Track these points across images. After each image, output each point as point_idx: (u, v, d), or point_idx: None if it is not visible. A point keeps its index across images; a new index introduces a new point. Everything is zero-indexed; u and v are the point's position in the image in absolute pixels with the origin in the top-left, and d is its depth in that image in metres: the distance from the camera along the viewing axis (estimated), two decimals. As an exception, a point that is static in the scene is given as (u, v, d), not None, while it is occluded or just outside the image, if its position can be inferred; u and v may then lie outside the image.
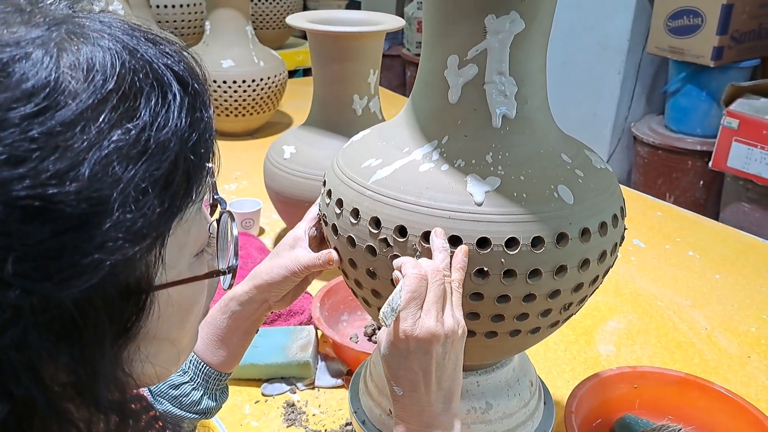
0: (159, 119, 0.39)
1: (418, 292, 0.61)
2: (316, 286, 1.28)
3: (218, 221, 0.50)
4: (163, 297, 0.43)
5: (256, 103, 2.15)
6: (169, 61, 0.41)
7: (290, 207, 1.38)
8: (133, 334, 0.41)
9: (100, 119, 0.36)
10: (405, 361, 0.62)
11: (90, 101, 0.36)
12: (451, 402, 0.65)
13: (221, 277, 0.50)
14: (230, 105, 2.12)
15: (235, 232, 0.50)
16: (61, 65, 0.36)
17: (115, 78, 0.37)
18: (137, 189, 0.37)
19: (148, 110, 0.38)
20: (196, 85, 0.42)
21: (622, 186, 1.96)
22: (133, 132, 0.37)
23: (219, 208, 0.51)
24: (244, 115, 2.16)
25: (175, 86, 0.40)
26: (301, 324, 1.21)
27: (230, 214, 0.50)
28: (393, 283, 0.65)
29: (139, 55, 0.40)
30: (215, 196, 0.51)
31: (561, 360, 1.18)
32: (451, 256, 0.66)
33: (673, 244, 1.63)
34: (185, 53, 0.44)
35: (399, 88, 3.83)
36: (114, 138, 0.36)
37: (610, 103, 2.85)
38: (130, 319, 0.40)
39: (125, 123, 0.37)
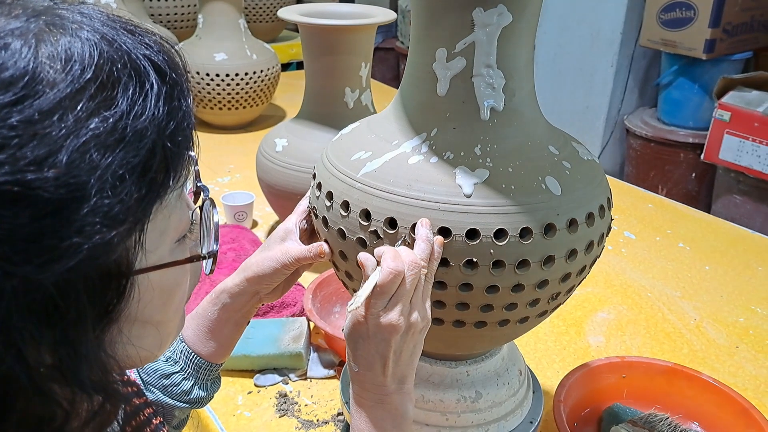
0: (136, 108, 0.40)
1: (388, 287, 0.62)
2: (308, 278, 1.29)
3: (201, 208, 0.51)
4: (144, 281, 0.44)
5: (249, 96, 2.15)
6: (147, 52, 0.42)
7: (282, 199, 1.39)
8: (115, 316, 0.42)
9: (78, 108, 0.37)
10: (363, 343, 0.65)
11: (68, 90, 0.37)
12: (404, 384, 0.67)
13: (203, 263, 0.51)
14: (223, 98, 2.12)
15: (217, 219, 0.51)
16: (40, 55, 0.37)
17: (93, 68, 0.39)
18: (114, 175, 0.38)
19: (125, 99, 0.39)
20: (174, 75, 0.43)
21: (614, 179, 1.99)
22: (111, 120, 0.38)
23: (202, 196, 0.51)
24: (237, 108, 2.16)
25: (153, 76, 0.41)
26: (293, 315, 1.22)
27: (212, 201, 0.51)
28: (358, 265, 0.66)
29: (117, 46, 0.41)
30: (198, 184, 0.51)
31: (551, 350, 1.20)
32: None
33: (663, 236, 1.64)
34: (165, 44, 0.45)
35: (393, 81, 3.83)
36: (91, 126, 0.37)
37: (602, 96, 2.86)
38: (111, 302, 0.41)
39: (103, 111, 0.38)
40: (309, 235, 0.82)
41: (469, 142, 0.70)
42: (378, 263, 0.64)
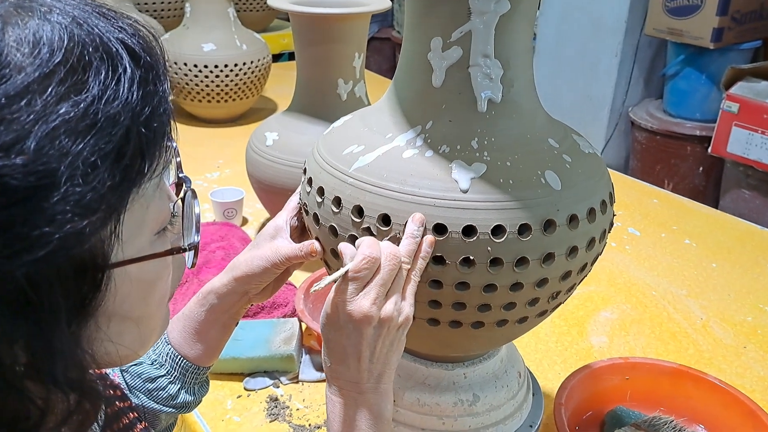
0: (108, 93, 0.39)
1: (362, 273, 0.63)
2: (299, 277, 1.28)
3: (183, 200, 0.50)
4: (121, 274, 0.44)
5: (239, 88, 2.15)
6: (121, 35, 0.42)
7: (273, 196, 1.38)
8: (91, 311, 0.42)
9: (47, 92, 0.37)
10: (335, 333, 0.65)
11: (36, 74, 0.37)
12: (380, 383, 0.67)
13: (185, 255, 0.51)
14: (212, 90, 2.12)
15: (198, 210, 0.51)
16: (6, 38, 0.38)
17: (62, 51, 0.39)
18: (86, 162, 0.38)
19: (97, 83, 0.39)
20: (149, 58, 0.43)
21: (618, 173, 1.99)
22: (82, 105, 0.38)
23: (184, 188, 0.51)
24: (226, 100, 2.16)
25: (127, 60, 0.41)
26: (284, 316, 1.21)
27: (193, 192, 0.51)
28: (336, 255, 0.66)
29: (88, 29, 0.41)
30: (180, 175, 0.51)
31: (552, 352, 1.20)
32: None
33: (669, 232, 1.64)
34: (141, 28, 0.45)
35: (388, 72, 3.83)
36: (61, 111, 0.37)
37: (606, 87, 2.86)
38: (86, 296, 0.41)
39: (73, 96, 0.38)
40: (300, 232, 0.82)
41: (466, 135, 0.70)
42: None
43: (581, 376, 0.99)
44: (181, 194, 0.51)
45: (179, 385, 0.78)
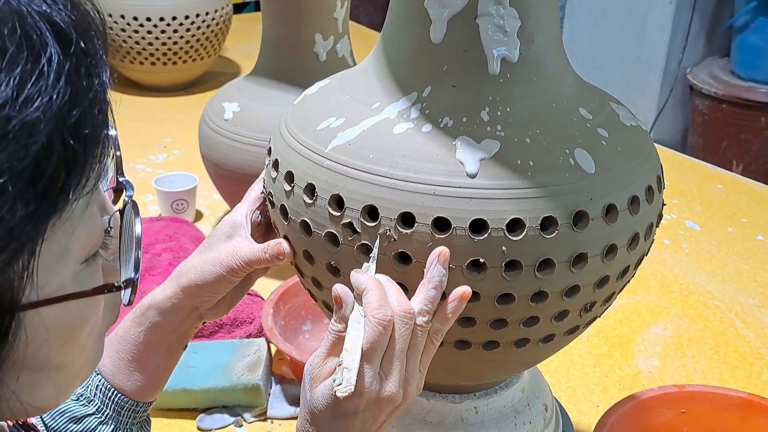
0: (26, 92, 0.38)
1: (381, 344, 0.62)
2: (267, 287, 1.28)
3: (121, 212, 0.50)
4: (35, 318, 0.43)
5: (192, 47, 2.15)
6: (47, 9, 0.41)
7: (233, 184, 1.38)
8: None
9: None
10: (344, 420, 0.64)
11: None
12: None
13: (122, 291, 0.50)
14: (157, 50, 2.12)
15: (138, 231, 0.50)
16: None
17: None
18: None
19: (11, 80, 0.38)
20: (83, 43, 0.42)
21: (673, 151, 1.99)
22: None
23: (124, 195, 0.51)
24: (175, 62, 2.16)
25: (53, 45, 0.40)
26: (249, 336, 1.21)
27: (134, 205, 0.50)
28: (334, 301, 0.65)
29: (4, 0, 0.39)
30: (120, 179, 0.50)
31: (589, 378, 1.20)
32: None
33: (737, 226, 1.64)
34: None
35: (381, 26, 3.81)
36: None
37: (658, 43, 2.86)
38: None
39: None
40: (264, 229, 0.82)
41: (474, 104, 0.70)
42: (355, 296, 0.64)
43: (625, 410, 0.99)
44: (120, 204, 0.50)
45: (113, 426, 0.78)
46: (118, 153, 0.49)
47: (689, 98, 2.91)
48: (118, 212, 0.49)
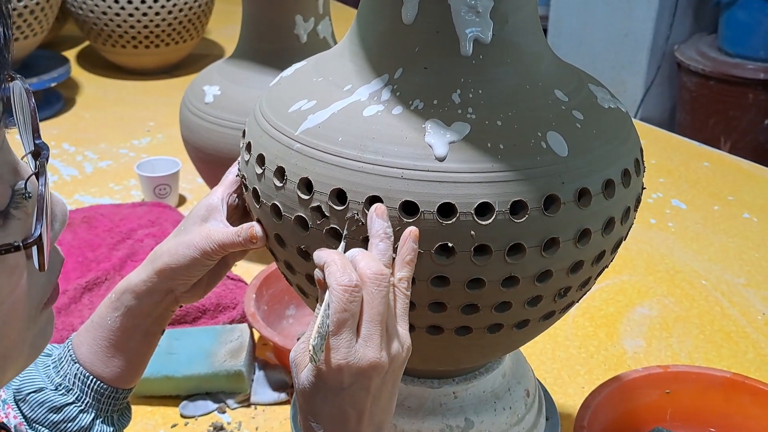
0: None
1: (350, 311, 0.60)
2: (251, 271, 1.28)
3: (37, 175, 0.47)
4: None
5: (174, 29, 2.14)
6: None
7: (216, 168, 1.37)
8: None
9: None
10: (334, 398, 0.63)
11: None
12: None
13: (33, 255, 0.47)
14: (139, 33, 2.11)
15: (45, 191, 0.47)
16: None
17: None
18: None
19: None
20: None
21: (661, 130, 1.99)
22: None
23: (40, 158, 0.48)
24: (157, 45, 2.15)
25: None
26: (231, 322, 1.21)
27: (41, 166, 0.47)
28: (317, 284, 0.65)
29: None
30: (36, 141, 0.48)
31: (574, 360, 1.20)
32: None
33: (723, 204, 1.64)
34: None
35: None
36: None
37: (646, 20, 2.85)
38: None
39: None
40: (242, 213, 0.82)
41: (446, 86, 0.69)
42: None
43: (610, 391, 1.00)
44: (35, 168, 0.48)
45: (93, 414, 0.78)
46: (32, 103, 0.48)
47: (677, 75, 2.91)
48: (34, 176, 0.47)
